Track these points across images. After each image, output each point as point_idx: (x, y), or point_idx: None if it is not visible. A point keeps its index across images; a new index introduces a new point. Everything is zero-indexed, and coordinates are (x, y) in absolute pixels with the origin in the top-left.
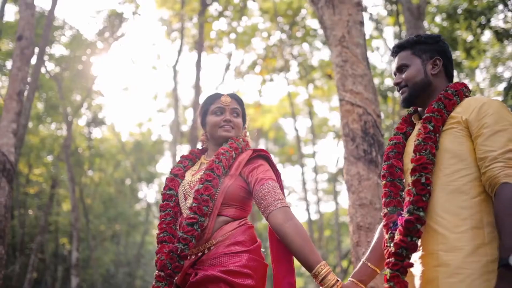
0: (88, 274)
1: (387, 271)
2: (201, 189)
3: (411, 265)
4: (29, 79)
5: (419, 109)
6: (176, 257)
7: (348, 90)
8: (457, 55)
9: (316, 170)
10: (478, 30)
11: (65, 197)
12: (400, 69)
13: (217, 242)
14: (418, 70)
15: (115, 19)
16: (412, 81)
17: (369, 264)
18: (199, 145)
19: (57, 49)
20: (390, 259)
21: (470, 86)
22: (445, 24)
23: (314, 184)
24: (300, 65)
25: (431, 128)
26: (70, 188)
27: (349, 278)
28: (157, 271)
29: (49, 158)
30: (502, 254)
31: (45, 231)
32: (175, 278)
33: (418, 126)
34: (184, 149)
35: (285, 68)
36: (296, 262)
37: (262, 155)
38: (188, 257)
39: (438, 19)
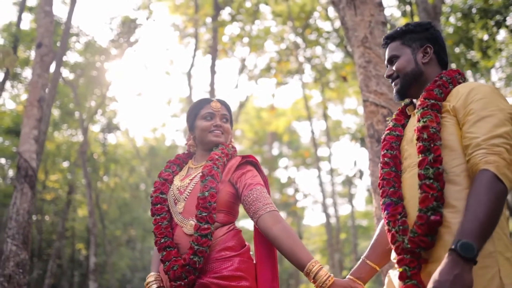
0: (105, 279)
1: (404, 268)
2: (207, 196)
3: (427, 261)
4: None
5: (414, 100)
6: (192, 270)
7: (372, 91)
8: (473, 55)
9: (332, 172)
10: (494, 29)
11: (81, 203)
12: (391, 60)
13: (208, 248)
14: (408, 60)
15: (129, 25)
16: (403, 72)
17: (368, 261)
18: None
19: (72, 56)
20: (406, 256)
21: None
22: (459, 24)
23: (331, 187)
24: (313, 68)
25: (440, 117)
26: (87, 193)
27: (347, 275)
28: (170, 281)
29: (65, 164)
30: (456, 237)
31: (62, 236)
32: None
33: (414, 118)
34: None
35: (300, 71)
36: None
37: (250, 161)
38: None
39: (452, 19)
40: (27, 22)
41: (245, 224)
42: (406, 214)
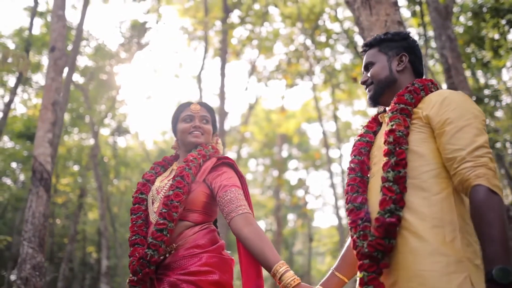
0: (116, 282)
1: (363, 273)
2: (171, 195)
3: (387, 265)
4: None
5: (387, 108)
6: (146, 263)
7: None
8: (484, 54)
9: (343, 174)
10: (505, 28)
11: (91, 206)
12: (367, 67)
13: (178, 246)
14: (382, 67)
15: (138, 29)
16: (377, 78)
17: (336, 273)
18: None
19: (82, 60)
20: (365, 261)
21: (497, 86)
22: (470, 23)
23: (341, 189)
24: (323, 69)
25: (409, 123)
26: (98, 197)
27: (317, 286)
28: (130, 276)
29: (75, 168)
30: (487, 267)
31: (74, 240)
32: (147, 282)
33: (384, 126)
34: None
35: (310, 72)
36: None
37: (227, 163)
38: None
39: (462, 18)
40: (37, 27)
41: None
42: (369, 219)
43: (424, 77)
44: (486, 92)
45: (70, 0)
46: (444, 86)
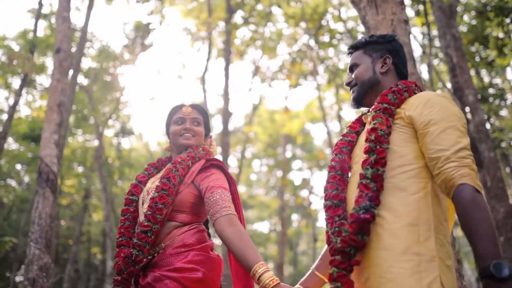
0: None
1: (333, 269)
2: (156, 197)
3: (358, 262)
4: None
5: (370, 110)
6: (131, 262)
7: None
8: (488, 53)
9: None
10: (510, 27)
11: (96, 207)
12: (351, 68)
13: (166, 246)
14: (366, 69)
15: (142, 30)
16: (361, 79)
17: (316, 272)
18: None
19: (86, 62)
20: (336, 257)
21: (502, 84)
22: (474, 22)
23: None
24: (327, 69)
25: (391, 122)
26: (103, 198)
27: (296, 285)
28: (115, 276)
29: (80, 169)
30: (481, 263)
31: (79, 241)
32: (131, 282)
33: (367, 126)
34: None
35: (314, 72)
36: None
37: (215, 164)
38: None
39: (466, 17)
40: (41, 28)
41: (259, 227)
42: (346, 217)
43: (408, 79)
44: (491, 91)
45: (74, 2)
46: (448, 85)
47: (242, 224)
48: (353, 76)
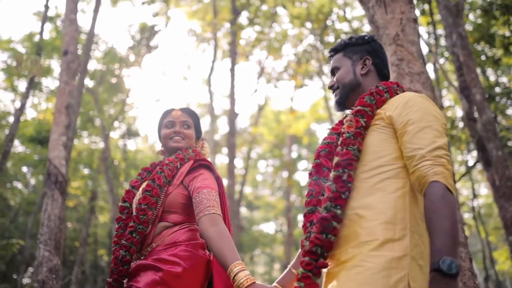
0: None
1: (300, 270)
2: (140, 199)
3: (326, 265)
4: None
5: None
6: (119, 262)
7: (406, 89)
8: (494, 52)
9: None
10: None
11: (102, 209)
12: (333, 72)
13: (157, 246)
14: (347, 71)
15: (147, 32)
16: (342, 82)
17: (293, 270)
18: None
19: (92, 64)
20: (305, 258)
21: (508, 83)
22: (479, 21)
23: None
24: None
25: (363, 124)
26: (109, 199)
27: (273, 284)
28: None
29: (86, 171)
30: (432, 257)
31: (85, 243)
32: (124, 282)
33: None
34: (218, 158)
35: (319, 72)
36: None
37: (204, 165)
38: (133, 262)
39: (471, 16)
40: (47, 31)
41: (265, 228)
42: None
43: (390, 80)
44: (498, 90)
45: (80, 4)
46: (455, 84)
47: (227, 224)
48: (334, 79)
